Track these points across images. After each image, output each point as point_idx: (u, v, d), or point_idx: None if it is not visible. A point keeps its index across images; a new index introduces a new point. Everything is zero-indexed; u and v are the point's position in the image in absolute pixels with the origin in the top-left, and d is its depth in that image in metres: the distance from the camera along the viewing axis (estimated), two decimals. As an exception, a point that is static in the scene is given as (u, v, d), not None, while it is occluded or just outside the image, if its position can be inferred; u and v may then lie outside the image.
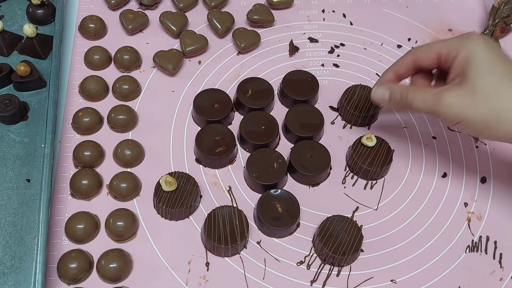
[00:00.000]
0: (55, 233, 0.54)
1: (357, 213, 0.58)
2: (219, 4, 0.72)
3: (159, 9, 0.72)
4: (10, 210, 0.53)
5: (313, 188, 0.59)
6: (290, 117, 0.62)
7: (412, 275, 0.54)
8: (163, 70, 0.66)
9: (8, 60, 0.64)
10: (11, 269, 0.50)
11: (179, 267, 0.53)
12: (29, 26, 0.62)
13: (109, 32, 0.69)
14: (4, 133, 0.58)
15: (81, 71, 0.66)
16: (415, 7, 0.75)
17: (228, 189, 0.58)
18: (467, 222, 0.58)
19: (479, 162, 0.62)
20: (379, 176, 0.60)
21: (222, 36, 0.70)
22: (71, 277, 0.51)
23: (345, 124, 0.64)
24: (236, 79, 0.66)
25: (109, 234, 0.54)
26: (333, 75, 0.68)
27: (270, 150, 0.59)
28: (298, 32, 0.71)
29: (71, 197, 0.57)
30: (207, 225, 0.53)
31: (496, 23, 0.69)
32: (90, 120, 0.60)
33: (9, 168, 0.56)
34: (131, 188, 0.56)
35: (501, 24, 0.70)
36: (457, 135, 0.64)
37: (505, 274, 0.55)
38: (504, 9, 0.69)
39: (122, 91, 0.63)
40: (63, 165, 0.58)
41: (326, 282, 0.53)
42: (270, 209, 0.55)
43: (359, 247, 0.53)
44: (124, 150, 0.59)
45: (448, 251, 0.56)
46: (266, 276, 0.53)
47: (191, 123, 0.63)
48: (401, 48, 0.71)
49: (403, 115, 0.65)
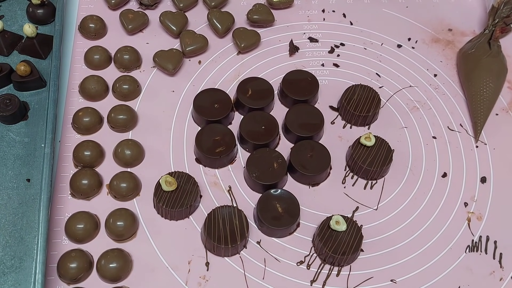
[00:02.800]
0: (55, 232, 0.54)
1: (357, 213, 0.58)
2: (219, 4, 0.72)
3: (159, 9, 0.72)
4: (10, 210, 0.53)
5: (313, 188, 0.59)
6: (290, 117, 0.62)
7: (412, 275, 0.54)
8: (163, 70, 0.66)
9: (8, 60, 0.64)
10: (11, 269, 0.50)
11: (179, 267, 0.53)
12: (29, 26, 0.62)
13: (109, 32, 0.69)
14: (4, 133, 0.58)
15: (81, 71, 0.66)
16: (415, 7, 0.75)
17: (228, 189, 0.58)
18: (467, 222, 0.58)
19: (479, 162, 0.62)
20: (379, 176, 0.60)
21: (222, 36, 0.70)
22: (71, 277, 0.51)
23: (345, 124, 0.64)
24: (236, 79, 0.66)
25: (109, 234, 0.54)
26: (333, 75, 0.68)
27: (270, 150, 0.59)
28: (298, 32, 0.71)
29: (71, 197, 0.57)
30: (207, 225, 0.53)
31: (496, 23, 0.69)
32: (90, 120, 0.60)
33: (9, 167, 0.56)
34: (131, 188, 0.56)
35: (501, 24, 0.70)
36: (457, 135, 0.64)
37: (505, 274, 0.55)
38: (504, 9, 0.69)
39: (122, 91, 0.63)
40: (63, 165, 0.58)
41: (326, 282, 0.53)
42: (270, 209, 0.55)
43: (359, 247, 0.53)
44: (124, 150, 0.59)
45: (448, 251, 0.56)
46: (266, 276, 0.53)
47: (191, 123, 0.63)
48: (401, 48, 0.71)
49: (403, 115, 0.65)
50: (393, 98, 0.66)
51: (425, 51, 0.71)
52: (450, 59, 0.70)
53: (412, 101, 0.66)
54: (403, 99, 0.66)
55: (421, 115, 0.65)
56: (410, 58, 0.70)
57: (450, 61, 0.70)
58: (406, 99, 0.66)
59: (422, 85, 0.67)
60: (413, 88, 0.67)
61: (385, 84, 0.67)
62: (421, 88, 0.67)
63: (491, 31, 0.69)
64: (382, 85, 0.67)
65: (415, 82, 0.68)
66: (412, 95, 0.67)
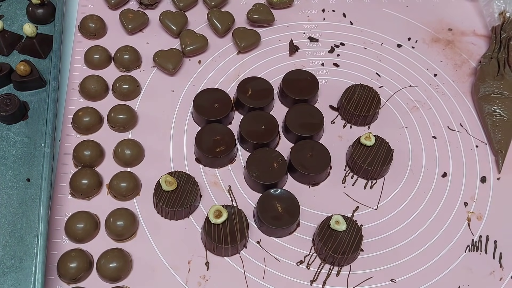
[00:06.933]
0: (55, 232, 0.54)
1: (357, 212, 0.58)
2: (219, 3, 0.72)
3: (159, 9, 0.72)
4: (10, 210, 0.53)
5: (313, 188, 0.59)
6: (290, 117, 0.62)
7: (412, 275, 0.54)
8: (163, 70, 0.66)
9: (8, 59, 0.64)
10: (11, 269, 0.50)
11: (179, 267, 0.53)
12: (29, 25, 0.62)
13: (109, 32, 0.69)
14: (4, 133, 0.58)
15: (81, 70, 0.66)
16: (415, 7, 0.75)
17: (228, 188, 0.58)
18: (467, 222, 0.58)
19: (479, 162, 0.62)
20: (379, 175, 0.60)
21: (222, 36, 0.70)
22: (71, 277, 0.51)
23: (345, 124, 0.64)
24: (236, 78, 0.66)
25: (109, 233, 0.54)
26: (333, 74, 0.68)
27: (270, 150, 0.59)
28: (298, 32, 0.71)
29: (71, 197, 0.57)
30: (207, 225, 0.53)
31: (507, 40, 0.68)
32: (90, 119, 0.60)
33: (9, 167, 0.56)
34: (131, 188, 0.56)
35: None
36: (457, 134, 0.64)
37: (505, 274, 0.55)
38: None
39: (122, 90, 0.63)
40: (63, 164, 0.58)
41: (326, 281, 0.53)
42: (270, 208, 0.55)
43: (359, 247, 0.53)
44: (124, 149, 0.59)
45: (448, 251, 0.56)
46: (266, 276, 0.53)
47: (191, 122, 0.63)
48: (401, 47, 0.71)
49: (403, 114, 0.65)
50: (393, 97, 0.66)
51: (425, 50, 0.71)
52: (450, 59, 0.70)
53: (412, 100, 0.66)
54: (403, 99, 0.66)
55: (421, 115, 0.65)
56: (410, 58, 0.70)
57: (450, 61, 0.70)
58: (406, 99, 0.66)
59: (422, 85, 0.67)
60: (413, 87, 0.67)
61: (385, 84, 0.67)
62: (421, 87, 0.67)
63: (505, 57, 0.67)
64: (382, 85, 0.67)
65: (415, 81, 0.68)
66: (412, 94, 0.67)
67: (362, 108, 0.62)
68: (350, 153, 0.60)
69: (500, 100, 0.64)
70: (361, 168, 0.59)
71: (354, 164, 0.59)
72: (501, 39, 0.69)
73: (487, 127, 0.63)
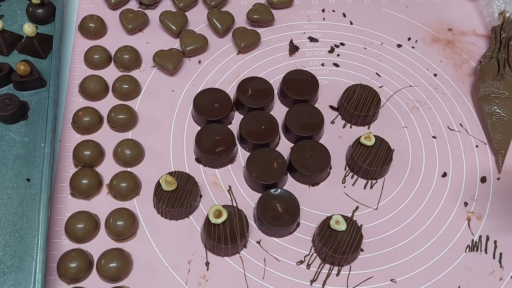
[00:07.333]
0: (55, 232, 0.54)
1: (357, 212, 0.58)
2: (219, 3, 0.72)
3: (159, 9, 0.72)
4: (10, 210, 0.53)
5: (313, 188, 0.59)
6: (290, 117, 0.62)
7: (412, 275, 0.54)
8: (163, 70, 0.66)
9: (8, 59, 0.64)
10: (11, 269, 0.50)
11: (179, 267, 0.53)
12: (29, 25, 0.62)
13: (109, 32, 0.69)
14: (4, 133, 0.58)
15: (81, 70, 0.66)
16: (415, 7, 0.75)
17: (228, 188, 0.58)
18: (467, 221, 0.58)
19: (479, 162, 0.62)
20: (379, 175, 0.60)
21: (222, 36, 0.70)
22: (71, 277, 0.51)
23: (345, 124, 0.64)
24: (236, 78, 0.66)
25: (109, 233, 0.54)
26: (333, 74, 0.68)
27: (270, 150, 0.59)
28: (298, 32, 0.71)
29: (71, 197, 0.57)
30: (207, 225, 0.53)
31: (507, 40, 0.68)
32: (90, 119, 0.60)
33: (9, 167, 0.56)
34: (131, 188, 0.56)
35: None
36: (457, 134, 0.64)
37: (505, 274, 0.55)
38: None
39: (122, 90, 0.63)
40: (63, 164, 0.58)
41: (326, 281, 0.53)
42: (270, 208, 0.55)
43: (359, 247, 0.53)
44: (124, 149, 0.59)
45: (448, 250, 0.56)
46: (266, 276, 0.53)
47: (191, 122, 0.63)
48: (401, 47, 0.71)
49: (403, 114, 0.65)
50: (393, 97, 0.66)
51: (425, 50, 0.71)
52: (450, 58, 0.70)
53: (412, 100, 0.66)
54: (403, 99, 0.66)
55: (421, 115, 0.65)
56: (410, 58, 0.70)
57: (450, 61, 0.70)
58: (406, 99, 0.66)
59: (422, 85, 0.67)
60: (413, 87, 0.67)
61: (385, 84, 0.67)
62: (421, 87, 0.67)
63: (505, 57, 0.67)
64: (382, 85, 0.67)
65: (415, 81, 0.68)
66: (412, 94, 0.67)
67: (362, 108, 0.62)
68: (350, 153, 0.60)
69: (500, 100, 0.64)
70: (361, 168, 0.59)
71: (354, 164, 0.59)
72: (501, 39, 0.69)
73: (487, 127, 0.63)
